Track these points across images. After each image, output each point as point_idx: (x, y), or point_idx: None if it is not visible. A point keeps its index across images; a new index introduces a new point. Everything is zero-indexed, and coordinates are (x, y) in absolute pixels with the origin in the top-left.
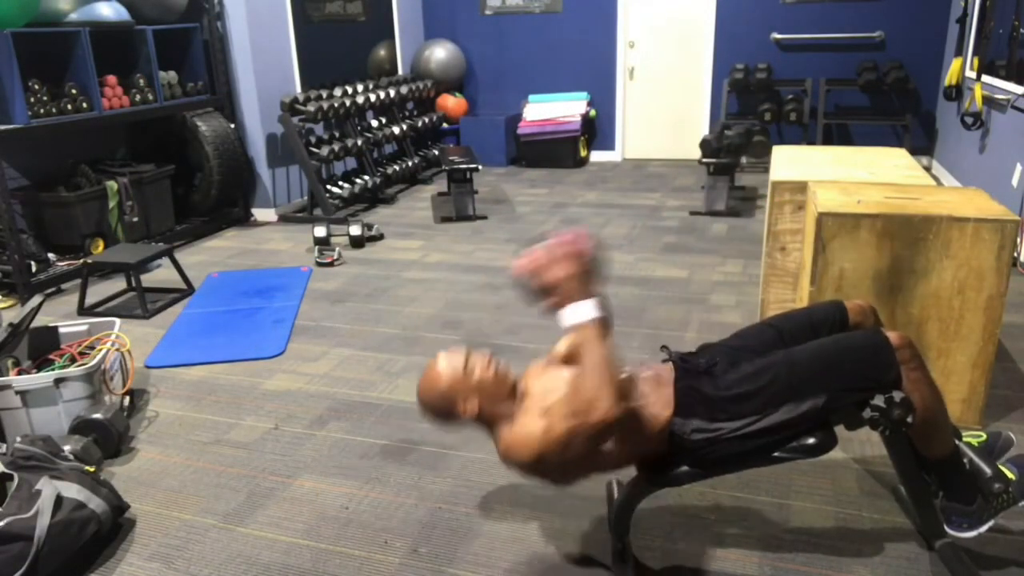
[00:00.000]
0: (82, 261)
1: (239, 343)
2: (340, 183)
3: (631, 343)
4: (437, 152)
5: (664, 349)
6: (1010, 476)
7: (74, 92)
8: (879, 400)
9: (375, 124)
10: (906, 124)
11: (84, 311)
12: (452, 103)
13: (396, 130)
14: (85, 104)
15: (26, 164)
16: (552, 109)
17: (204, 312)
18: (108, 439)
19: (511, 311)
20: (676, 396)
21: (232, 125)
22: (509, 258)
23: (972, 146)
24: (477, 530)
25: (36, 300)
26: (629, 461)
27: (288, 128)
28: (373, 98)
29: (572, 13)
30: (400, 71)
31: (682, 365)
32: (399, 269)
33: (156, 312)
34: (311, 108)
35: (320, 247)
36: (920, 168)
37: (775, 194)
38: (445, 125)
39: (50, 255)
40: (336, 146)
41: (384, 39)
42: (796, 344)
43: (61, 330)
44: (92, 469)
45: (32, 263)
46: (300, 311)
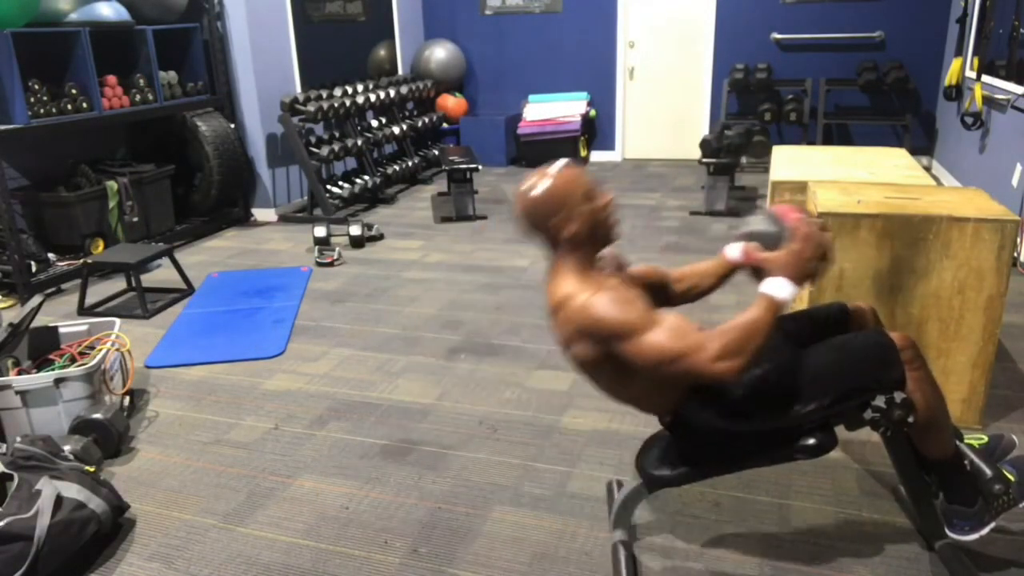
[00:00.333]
0: (82, 261)
1: (239, 343)
2: (340, 183)
3: None
4: (437, 152)
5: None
6: (1010, 478)
7: (74, 92)
8: (879, 400)
9: (375, 124)
10: (906, 124)
11: (84, 311)
12: (452, 103)
13: (396, 130)
14: (85, 104)
15: (26, 164)
16: (552, 109)
17: (204, 312)
18: (108, 439)
19: (511, 311)
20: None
21: (232, 125)
22: (507, 257)
23: (972, 146)
24: (477, 530)
25: (36, 300)
26: (645, 408)
27: (288, 128)
28: (373, 98)
29: (572, 13)
30: (400, 71)
31: None
32: (399, 269)
33: (156, 312)
34: (311, 108)
35: (320, 247)
36: (920, 168)
37: (775, 194)
38: (445, 125)
39: (50, 255)
40: (336, 146)
41: (384, 39)
42: (800, 344)
43: (61, 330)
44: (92, 469)
45: (32, 263)
46: (300, 311)
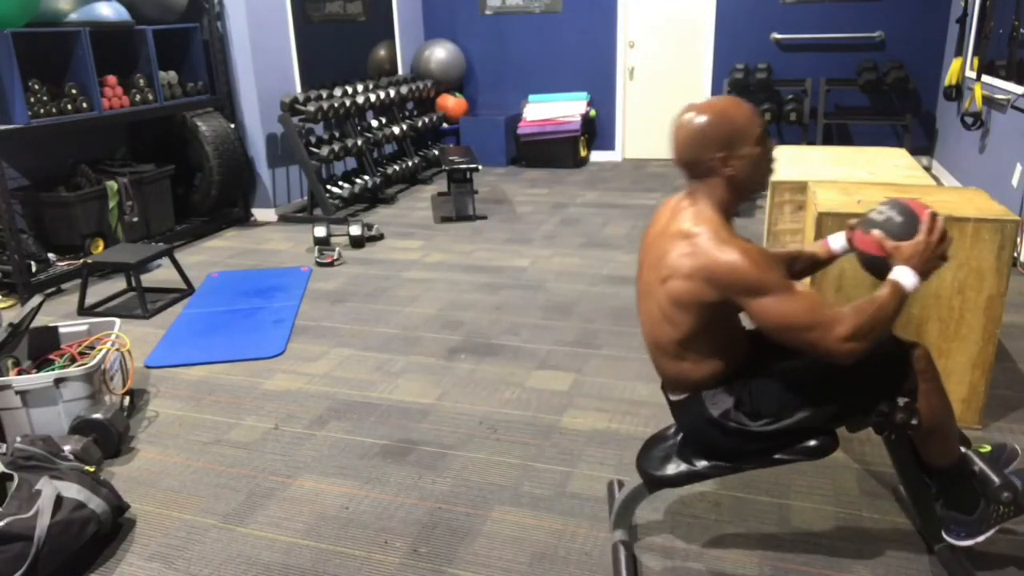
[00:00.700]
0: (82, 261)
1: (239, 343)
2: (340, 183)
3: (632, 343)
4: (437, 152)
5: None
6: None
7: (74, 92)
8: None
9: (375, 124)
10: (906, 124)
11: (84, 311)
12: (452, 103)
13: (396, 130)
14: (85, 104)
15: (26, 164)
16: (552, 109)
17: (204, 312)
18: (108, 439)
19: (511, 311)
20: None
21: (232, 125)
22: (507, 257)
23: (972, 146)
24: (477, 530)
25: (36, 300)
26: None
27: (288, 128)
28: (373, 98)
29: (572, 13)
30: (400, 71)
31: None
32: (399, 269)
33: (156, 312)
34: (311, 108)
35: (320, 247)
36: (920, 168)
37: (775, 194)
38: (445, 125)
39: (50, 255)
40: (336, 146)
41: (384, 39)
42: None
43: (61, 330)
44: (92, 469)
45: (32, 263)
46: (300, 311)
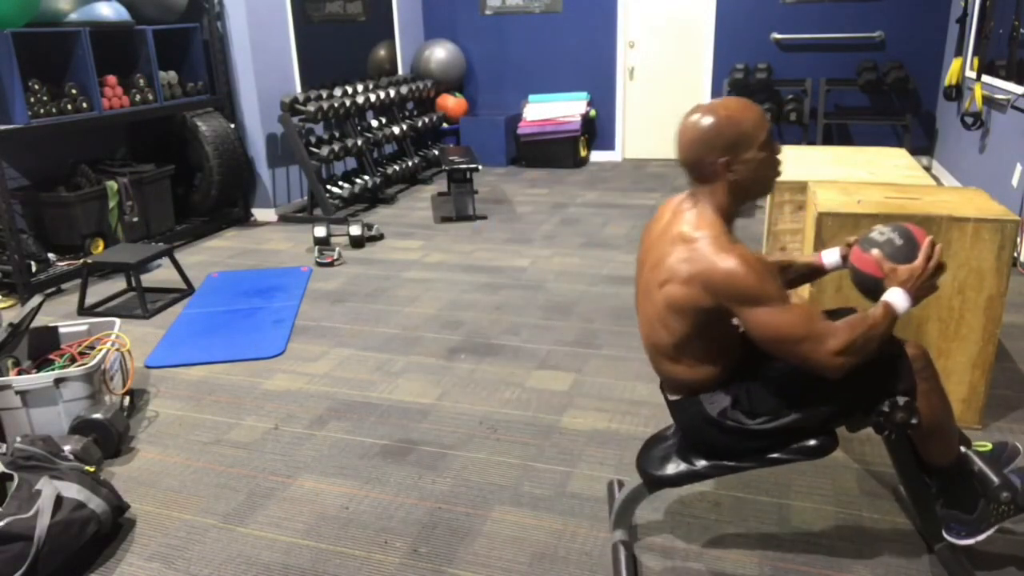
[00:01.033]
0: (82, 261)
1: (239, 343)
2: (340, 183)
3: (632, 343)
4: (437, 152)
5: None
6: (1016, 486)
7: (74, 92)
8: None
9: (375, 124)
10: (906, 124)
11: (84, 311)
12: (452, 103)
13: (396, 130)
14: (85, 104)
15: (26, 164)
16: (552, 109)
17: (204, 312)
18: (108, 439)
19: (511, 311)
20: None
21: (232, 125)
22: (507, 257)
23: (972, 146)
24: (477, 530)
25: (36, 300)
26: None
27: (288, 128)
28: (373, 98)
29: (572, 13)
30: (400, 71)
31: None
32: (399, 269)
33: (156, 312)
34: (311, 108)
35: (320, 247)
36: (920, 168)
37: (775, 194)
38: (445, 125)
39: (50, 255)
40: (336, 146)
41: (384, 39)
42: None
43: (61, 330)
44: (92, 469)
45: (32, 263)
46: (300, 311)
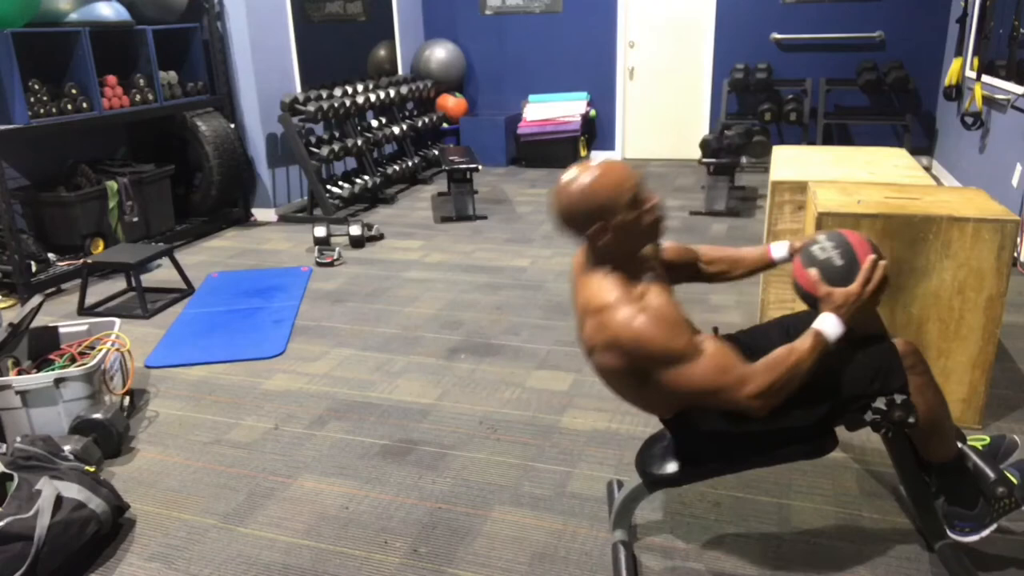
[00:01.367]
0: (82, 261)
1: (239, 343)
2: (340, 183)
3: None
4: (437, 152)
5: (715, 330)
6: (1013, 480)
7: (74, 92)
8: (880, 402)
9: (375, 124)
10: (906, 124)
11: (84, 311)
12: (452, 103)
13: (396, 130)
14: (85, 104)
15: (26, 164)
16: (552, 109)
17: (204, 312)
18: (108, 439)
19: (511, 311)
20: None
21: (232, 125)
22: (507, 257)
23: (972, 146)
24: (477, 530)
25: (36, 300)
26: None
27: (288, 128)
28: (373, 98)
29: (572, 13)
30: (400, 71)
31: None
32: (399, 269)
33: (156, 312)
34: (311, 108)
35: (320, 247)
36: (920, 168)
37: (775, 194)
38: (445, 125)
39: (50, 255)
40: (336, 146)
41: (384, 39)
42: None
43: (61, 330)
44: (92, 469)
45: (32, 263)
46: (300, 311)
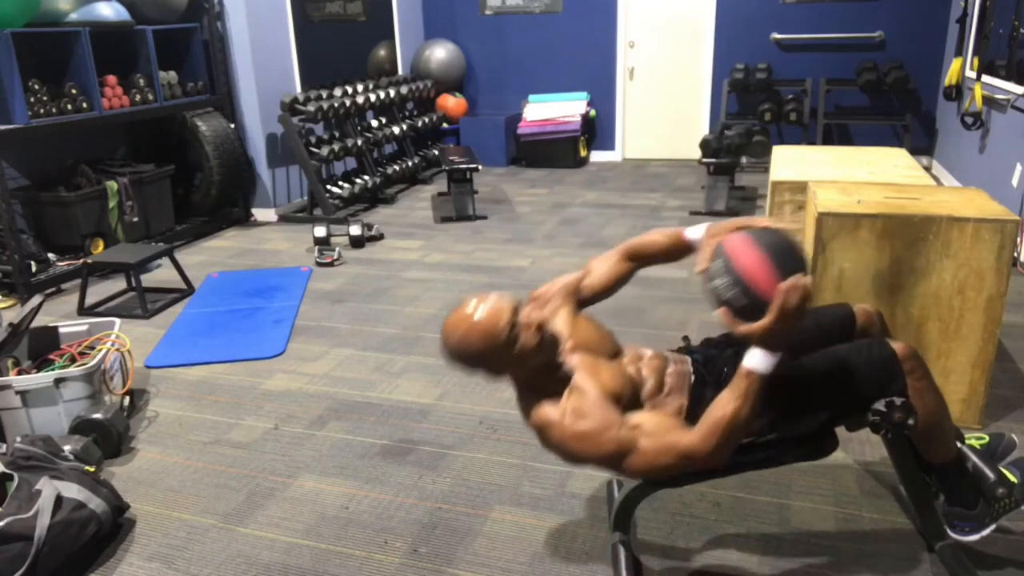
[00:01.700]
0: (82, 261)
1: (239, 343)
2: (340, 183)
3: (632, 343)
4: (437, 152)
5: (685, 340)
6: (1012, 479)
7: (74, 92)
8: (880, 404)
9: (375, 124)
10: (906, 124)
11: (84, 311)
12: (452, 103)
13: (396, 130)
14: (85, 104)
15: (26, 164)
16: (552, 109)
17: (204, 312)
18: (108, 439)
19: None
20: (690, 405)
21: (232, 125)
22: (507, 257)
23: (972, 146)
24: (477, 530)
25: (36, 300)
26: None
27: (288, 128)
28: (373, 98)
29: (572, 13)
30: (400, 71)
31: (701, 371)
32: (399, 269)
33: (156, 312)
34: (311, 108)
35: (320, 247)
36: (920, 168)
37: (775, 194)
38: (445, 125)
39: (50, 255)
40: (336, 146)
41: (384, 39)
42: (803, 348)
43: (61, 330)
44: (92, 469)
45: (32, 263)
46: (300, 311)
